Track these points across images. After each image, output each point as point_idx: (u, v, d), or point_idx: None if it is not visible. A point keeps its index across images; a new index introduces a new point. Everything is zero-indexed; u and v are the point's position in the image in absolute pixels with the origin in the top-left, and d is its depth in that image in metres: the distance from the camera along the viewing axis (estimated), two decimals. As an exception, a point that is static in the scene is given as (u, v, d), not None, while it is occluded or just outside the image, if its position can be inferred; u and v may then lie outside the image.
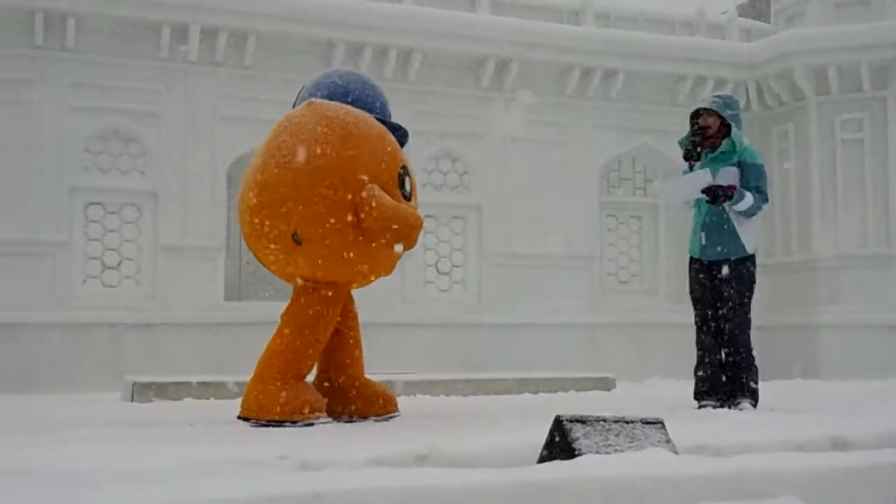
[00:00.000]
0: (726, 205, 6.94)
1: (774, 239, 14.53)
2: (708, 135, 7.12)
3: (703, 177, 6.97)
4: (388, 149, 5.75)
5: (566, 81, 14.02)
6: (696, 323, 7.22)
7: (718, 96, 7.33)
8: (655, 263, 14.95)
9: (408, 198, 5.80)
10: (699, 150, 7.11)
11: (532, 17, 14.05)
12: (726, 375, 7.00)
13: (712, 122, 7.11)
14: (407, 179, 5.81)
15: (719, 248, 7.06)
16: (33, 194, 11.53)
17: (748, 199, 6.90)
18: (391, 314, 12.58)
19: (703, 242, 7.10)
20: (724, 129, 7.14)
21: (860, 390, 9.28)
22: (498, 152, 13.67)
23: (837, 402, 7.51)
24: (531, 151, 13.84)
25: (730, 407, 6.84)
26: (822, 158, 14.18)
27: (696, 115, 7.22)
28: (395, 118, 6.28)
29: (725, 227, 7.03)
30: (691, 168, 7.13)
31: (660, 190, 7.29)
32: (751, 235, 7.11)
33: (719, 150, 7.08)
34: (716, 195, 6.88)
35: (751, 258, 7.11)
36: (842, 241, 13.98)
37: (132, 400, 8.36)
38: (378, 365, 8.09)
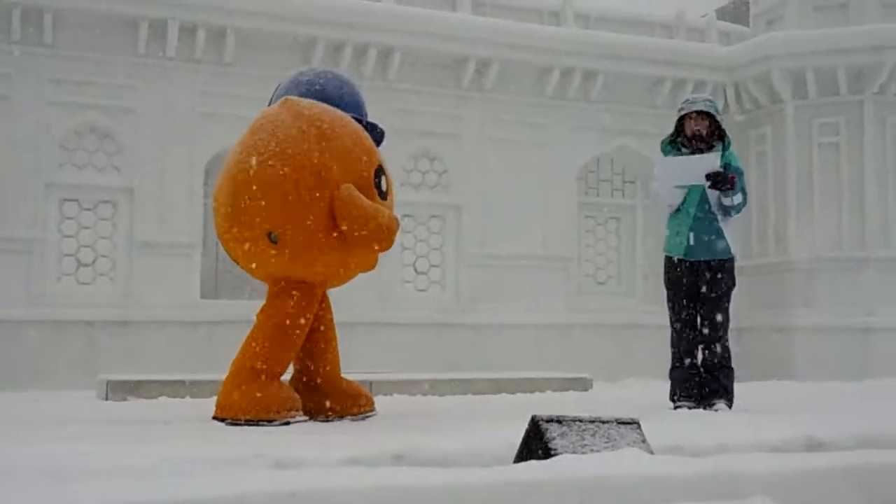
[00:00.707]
0: (721, 195, 6.94)
1: (751, 241, 14.60)
2: (703, 137, 7.13)
3: (710, 160, 6.96)
4: (364, 148, 5.75)
5: (546, 82, 14.04)
6: (672, 323, 7.23)
7: (708, 99, 7.34)
8: (633, 265, 15.01)
9: (384, 197, 5.79)
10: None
11: (512, 17, 14.06)
12: (702, 376, 7.02)
13: (705, 124, 7.12)
14: (383, 178, 5.80)
15: (707, 249, 7.08)
16: (8, 190, 11.43)
17: (739, 194, 6.96)
18: (369, 313, 12.56)
19: (691, 243, 7.08)
20: (716, 131, 7.16)
21: (834, 392, 9.34)
22: (477, 152, 13.67)
23: (811, 404, 7.56)
24: (510, 152, 13.85)
25: (705, 408, 6.87)
26: (799, 161, 14.26)
27: (684, 116, 7.18)
28: (374, 117, 6.27)
29: (713, 228, 7.07)
30: None
31: (661, 168, 7.17)
32: (733, 238, 7.20)
33: (713, 150, 7.08)
34: (719, 180, 6.87)
35: (732, 260, 7.17)
36: (817, 243, 14.06)
37: (107, 398, 8.32)
38: (355, 364, 8.08)
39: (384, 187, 5.79)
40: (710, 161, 6.95)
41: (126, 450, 4.02)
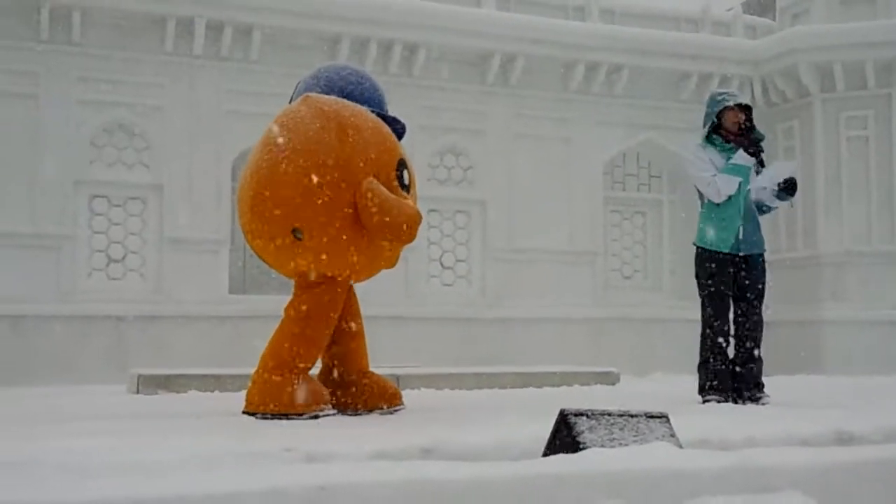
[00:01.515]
0: (780, 199, 7.05)
1: (780, 235, 14.51)
2: (746, 130, 7.15)
3: (790, 167, 7.04)
4: (386, 142, 5.76)
5: (571, 77, 14.01)
6: (710, 317, 7.08)
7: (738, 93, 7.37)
8: (659, 259, 14.96)
9: (406, 190, 5.82)
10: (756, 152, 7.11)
11: (537, 12, 14.03)
12: (736, 371, 6.99)
13: (743, 118, 7.14)
14: (405, 172, 5.81)
15: (754, 244, 7.08)
16: (38, 187, 11.55)
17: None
18: (395, 308, 12.59)
19: (741, 237, 7.02)
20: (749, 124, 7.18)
21: (864, 386, 9.27)
22: (502, 147, 13.66)
23: (841, 398, 7.51)
24: (535, 147, 13.84)
25: (750, 402, 6.84)
26: (827, 155, 14.17)
27: (726, 109, 7.14)
28: (400, 113, 6.28)
29: (757, 223, 7.13)
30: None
31: (775, 169, 7.17)
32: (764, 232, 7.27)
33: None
34: (793, 188, 6.95)
35: (764, 255, 7.21)
36: (846, 237, 13.97)
37: (137, 392, 8.38)
38: (382, 359, 8.11)
39: (406, 181, 5.80)
40: (789, 167, 7.04)
41: (156, 444, 4.05)
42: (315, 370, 5.99)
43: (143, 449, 3.85)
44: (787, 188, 6.96)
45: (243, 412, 5.63)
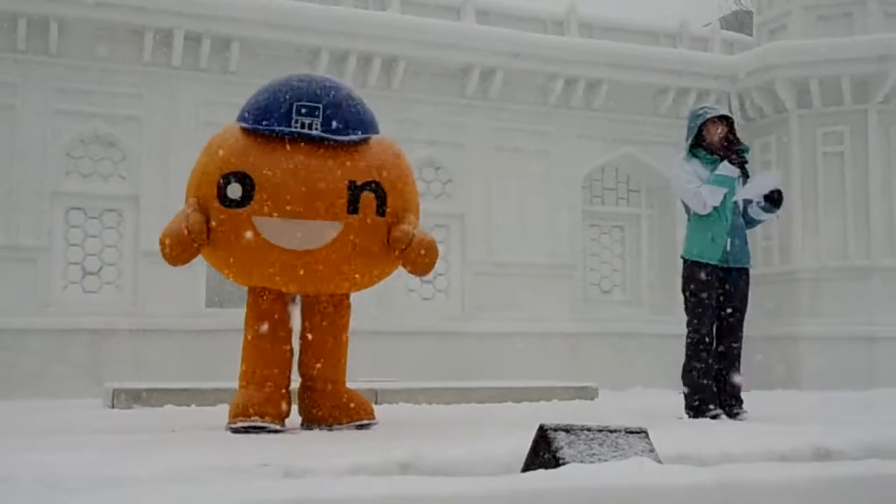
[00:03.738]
0: (766, 212, 7.07)
1: (756, 250, 14.50)
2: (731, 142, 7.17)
3: (774, 178, 7.04)
4: (219, 152, 5.76)
5: (550, 91, 14.06)
6: (694, 330, 7.06)
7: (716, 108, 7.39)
8: (638, 273, 15.00)
9: (232, 203, 5.56)
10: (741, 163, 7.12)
11: (517, 26, 14.08)
12: (720, 384, 7.00)
13: (724, 131, 7.16)
14: (231, 188, 5.56)
15: (741, 256, 7.10)
16: (14, 199, 11.46)
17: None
18: (373, 322, 12.54)
19: (728, 249, 7.03)
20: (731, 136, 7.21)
21: (841, 401, 9.31)
22: (481, 161, 13.68)
23: (818, 413, 7.54)
24: (515, 160, 13.86)
25: (728, 417, 6.85)
26: (804, 171, 14.26)
27: (708, 122, 7.15)
28: (380, 125, 6.20)
29: (744, 235, 7.15)
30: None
31: (725, 172, 7.14)
32: None
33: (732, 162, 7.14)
34: (780, 199, 6.97)
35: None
36: (822, 252, 14.06)
37: (113, 406, 8.31)
38: (360, 373, 8.07)
39: (235, 195, 5.58)
40: (773, 179, 7.05)
41: (132, 458, 4.01)
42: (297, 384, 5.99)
43: (119, 463, 3.81)
44: (773, 200, 6.98)
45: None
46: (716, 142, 7.13)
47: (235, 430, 5.52)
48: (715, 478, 3.70)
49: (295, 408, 5.99)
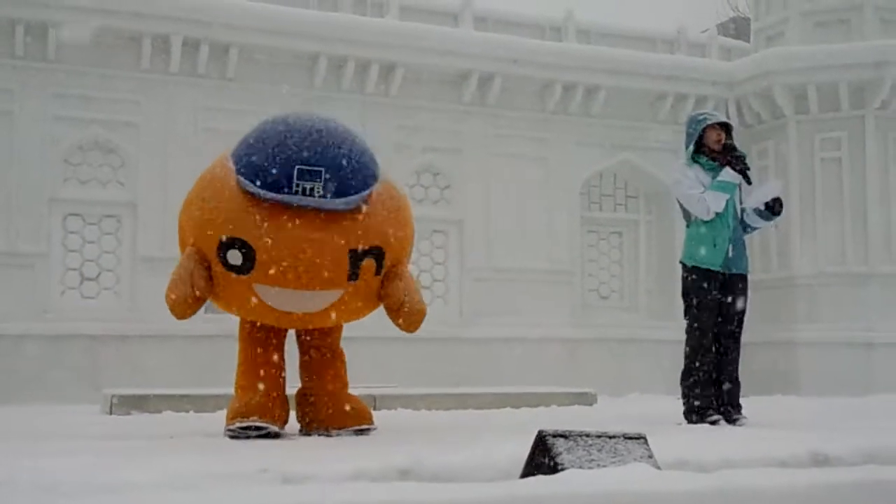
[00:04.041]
0: (765, 219, 7.09)
1: (754, 256, 14.48)
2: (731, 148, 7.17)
3: (775, 187, 7.04)
4: (213, 215, 5.51)
5: (548, 97, 14.07)
6: (694, 336, 7.05)
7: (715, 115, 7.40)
8: (636, 279, 15.00)
9: (232, 268, 5.46)
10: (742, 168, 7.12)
11: (515, 33, 14.10)
12: (719, 389, 7.00)
13: (723, 136, 7.16)
14: (231, 254, 5.42)
15: (741, 262, 7.11)
16: (12, 205, 11.45)
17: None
18: (372, 328, 12.44)
19: (730, 255, 7.03)
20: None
21: (839, 407, 9.31)
22: (479, 167, 13.68)
23: (817, 419, 7.54)
24: (513, 166, 13.87)
25: (727, 423, 6.84)
26: (802, 176, 14.28)
27: (707, 127, 7.15)
28: (376, 132, 6.24)
29: (744, 241, 7.14)
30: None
31: (727, 178, 7.12)
32: None
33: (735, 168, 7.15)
34: (780, 207, 6.99)
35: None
36: (820, 258, 14.07)
37: (111, 412, 8.29)
38: (358, 379, 8.05)
39: (235, 260, 5.45)
40: (775, 187, 7.06)
41: (130, 464, 4.00)
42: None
43: (117, 469, 3.80)
44: (773, 208, 6.99)
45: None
46: (716, 148, 7.14)
47: (234, 433, 5.53)
48: (714, 484, 3.71)
49: (293, 413, 6.00)
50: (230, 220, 5.42)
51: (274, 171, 5.36)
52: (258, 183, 5.37)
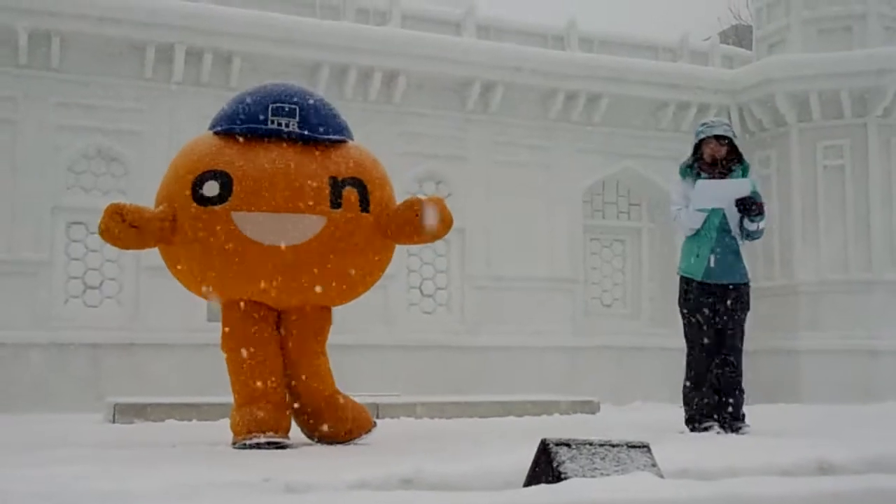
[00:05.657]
0: (748, 220, 6.97)
1: (756, 264, 14.55)
2: (723, 162, 7.13)
3: (742, 185, 6.98)
4: (192, 155, 5.71)
5: (550, 105, 14.08)
6: (689, 346, 7.12)
7: (726, 124, 7.32)
8: (639, 287, 14.99)
9: (208, 201, 5.47)
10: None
11: (517, 41, 14.12)
12: (719, 400, 6.99)
13: (724, 149, 7.11)
14: (208, 185, 5.49)
15: (727, 272, 7.07)
16: (15, 213, 11.47)
17: (764, 220, 7.01)
18: (375, 336, 12.54)
19: (711, 265, 7.03)
20: (734, 156, 7.16)
21: (843, 415, 9.30)
22: (482, 175, 13.69)
23: (821, 427, 7.52)
24: (515, 174, 13.88)
25: (730, 431, 6.83)
26: (804, 184, 14.28)
27: (703, 140, 7.14)
28: (379, 139, 6.31)
29: (734, 251, 7.09)
30: None
31: (698, 190, 7.07)
32: (747, 262, 7.21)
33: (732, 175, 7.08)
34: (750, 206, 6.90)
35: (748, 284, 7.20)
36: (823, 266, 14.06)
37: (113, 421, 8.30)
38: (361, 387, 8.07)
39: (211, 192, 5.50)
40: (742, 186, 6.96)
41: (133, 473, 4.00)
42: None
43: (120, 478, 3.80)
44: (747, 209, 6.93)
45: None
46: (709, 161, 7.15)
47: (246, 448, 5.38)
48: (717, 492, 3.69)
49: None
50: (205, 157, 5.58)
51: (249, 109, 5.63)
52: (237, 124, 5.62)
